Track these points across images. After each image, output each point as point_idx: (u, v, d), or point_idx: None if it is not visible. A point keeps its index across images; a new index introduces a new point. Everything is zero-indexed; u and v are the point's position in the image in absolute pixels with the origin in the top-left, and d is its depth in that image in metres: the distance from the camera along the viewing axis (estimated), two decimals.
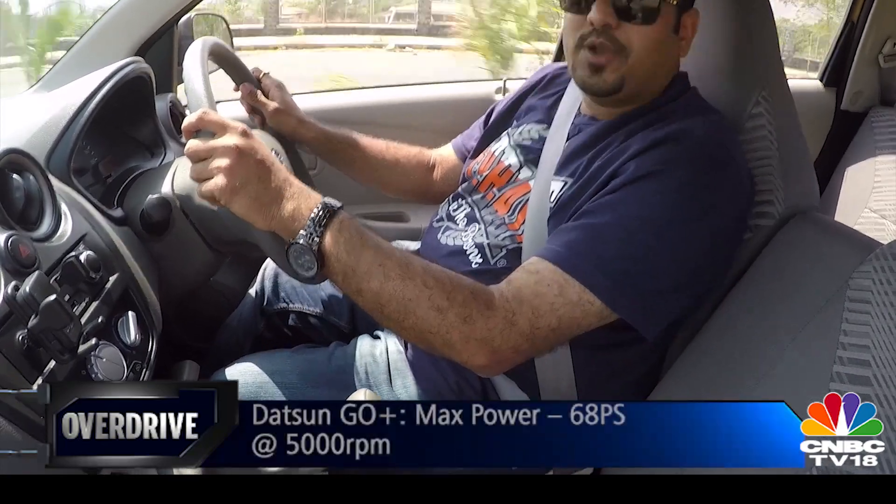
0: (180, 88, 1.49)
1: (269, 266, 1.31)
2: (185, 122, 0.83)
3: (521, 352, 0.82)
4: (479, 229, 1.03)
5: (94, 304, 0.85)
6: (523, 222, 0.97)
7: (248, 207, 0.81)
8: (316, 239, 0.79)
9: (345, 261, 0.80)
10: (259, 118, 1.23)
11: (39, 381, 0.72)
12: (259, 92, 1.20)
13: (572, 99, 1.06)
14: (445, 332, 0.79)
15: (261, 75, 1.23)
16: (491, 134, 1.20)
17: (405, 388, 1.02)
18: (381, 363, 1.05)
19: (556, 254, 0.84)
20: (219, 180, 0.80)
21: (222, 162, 0.80)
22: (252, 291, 1.31)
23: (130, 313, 0.91)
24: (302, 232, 0.80)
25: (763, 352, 0.80)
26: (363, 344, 1.08)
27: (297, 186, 0.83)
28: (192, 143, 0.82)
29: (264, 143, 0.85)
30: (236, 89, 1.21)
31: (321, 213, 0.80)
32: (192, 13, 1.43)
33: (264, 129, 1.22)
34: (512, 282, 0.84)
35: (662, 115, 0.94)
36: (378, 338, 1.10)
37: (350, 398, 0.82)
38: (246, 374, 1.03)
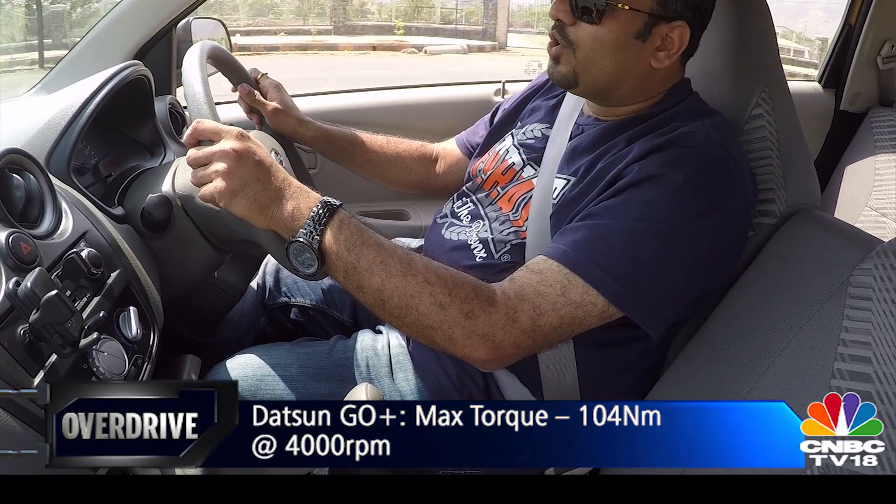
0: (179, 91, 1.49)
1: (270, 261, 1.31)
2: (185, 136, 0.85)
3: (523, 348, 0.83)
4: (484, 225, 1.03)
5: (96, 300, 0.85)
6: (527, 219, 0.98)
7: (248, 208, 0.81)
8: (316, 237, 0.80)
9: (345, 258, 0.81)
10: (257, 118, 1.22)
11: (41, 374, 0.72)
12: (257, 93, 1.20)
13: (574, 100, 1.06)
14: (448, 327, 0.80)
15: (259, 76, 1.23)
16: (495, 134, 1.21)
17: (407, 381, 1.02)
18: (383, 357, 1.05)
19: (560, 252, 0.84)
20: (218, 184, 0.81)
21: (220, 166, 0.81)
22: (253, 286, 1.31)
23: (132, 308, 0.91)
24: (302, 230, 0.81)
25: (763, 350, 0.80)
26: (365, 337, 1.08)
27: (296, 186, 0.84)
28: (192, 151, 0.84)
29: (263, 145, 0.86)
30: (234, 90, 1.21)
31: (321, 211, 0.81)
32: (190, 17, 1.43)
33: (262, 130, 1.21)
34: (515, 279, 0.85)
35: (664, 120, 0.94)
36: (380, 332, 1.10)
37: (351, 391, 0.83)
38: (246, 367, 1.03)
